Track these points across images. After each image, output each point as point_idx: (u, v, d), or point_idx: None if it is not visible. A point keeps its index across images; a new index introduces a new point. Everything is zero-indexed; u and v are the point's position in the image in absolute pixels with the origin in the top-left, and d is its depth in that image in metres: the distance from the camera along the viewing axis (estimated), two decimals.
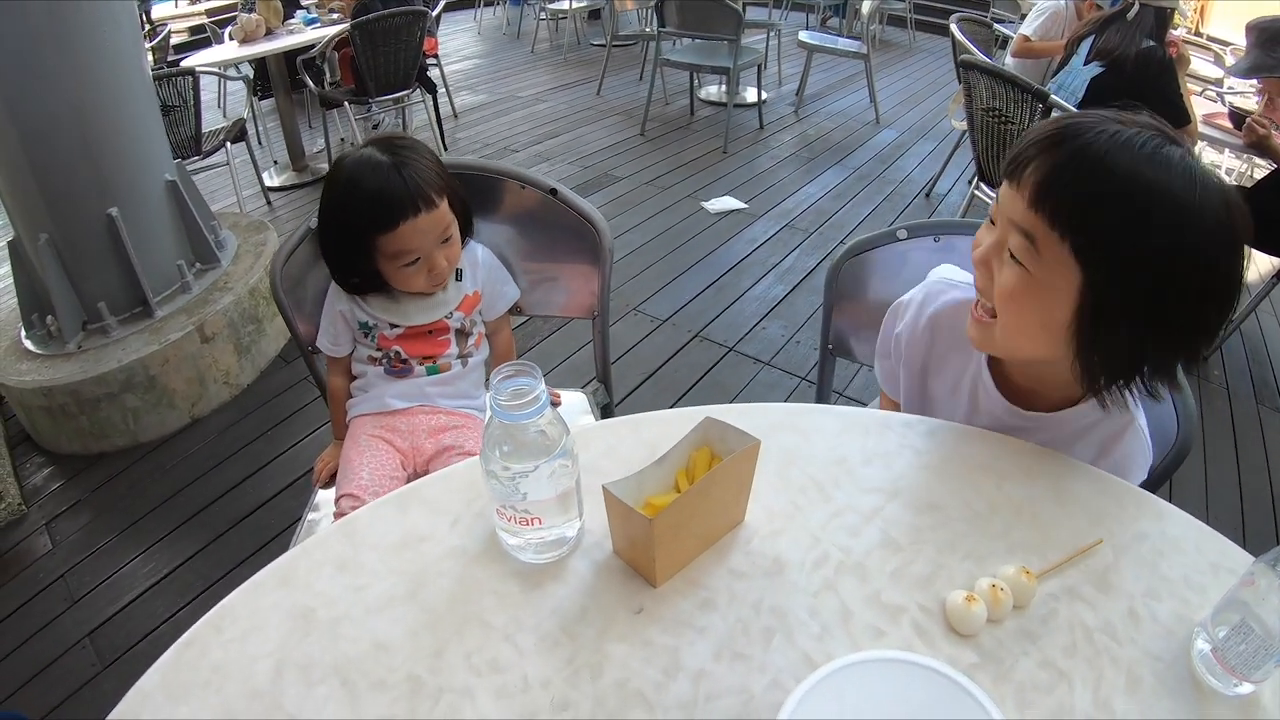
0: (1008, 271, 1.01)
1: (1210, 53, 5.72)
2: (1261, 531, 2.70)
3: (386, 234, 1.57)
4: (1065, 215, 0.93)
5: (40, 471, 3.04)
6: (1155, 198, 0.89)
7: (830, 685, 0.75)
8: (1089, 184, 0.92)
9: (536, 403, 0.86)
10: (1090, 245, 0.92)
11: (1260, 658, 0.79)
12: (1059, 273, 0.96)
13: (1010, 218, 0.99)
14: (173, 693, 0.85)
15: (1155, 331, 0.96)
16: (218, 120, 5.51)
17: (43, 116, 2.74)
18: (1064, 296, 0.97)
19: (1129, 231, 0.90)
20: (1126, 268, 0.92)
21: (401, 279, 1.65)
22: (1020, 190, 0.97)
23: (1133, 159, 0.90)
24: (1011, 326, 1.04)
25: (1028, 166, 0.96)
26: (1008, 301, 1.02)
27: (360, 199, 1.56)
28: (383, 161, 1.56)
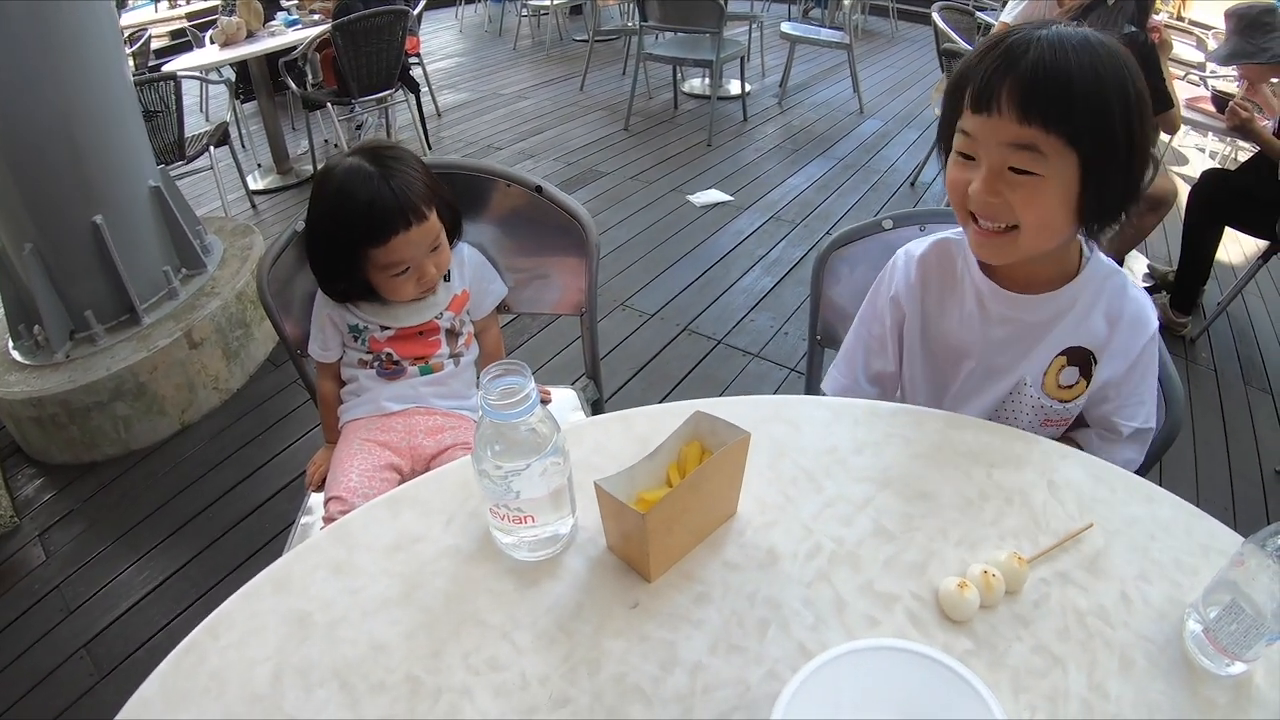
0: (1021, 189, 1.10)
1: (1192, 37, 5.73)
2: (1251, 512, 2.72)
3: (378, 247, 1.57)
4: (1055, 115, 1.05)
5: (32, 483, 3.03)
6: (1101, 72, 1.05)
7: (826, 675, 0.76)
8: (1058, 84, 1.04)
9: (526, 401, 0.86)
10: (1077, 130, 1.05)
11: (1251, 637, 0.80)
12: (1062, 164, 1.07)
13: (1003, 143, 1.09)
14: (173, 700, 0.85)
15: (1135, 169, 1.11)
16: (200, 124, 5.48)
17: (25, 124, 2.73)
18: (1070, 179, 1.09)
19: (1099, 106, 1.05)
20: (1108, 133, 1.06)
21: (391, 288, 1.65)
22: (1003, 117, 1.07)
23: (1073, 50, 1.05)
24: (1041, 226, 1.14)
25: (1000, 94, 1.07)
26: (1031, 208, 1.11)
27: (350, 211, 1.56)
28: (372, 173, 1.56)
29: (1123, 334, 1.24)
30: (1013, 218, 1.13)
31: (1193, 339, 3.67)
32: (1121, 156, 1.08)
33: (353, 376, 1.81)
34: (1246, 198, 3.40)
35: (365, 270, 1.63)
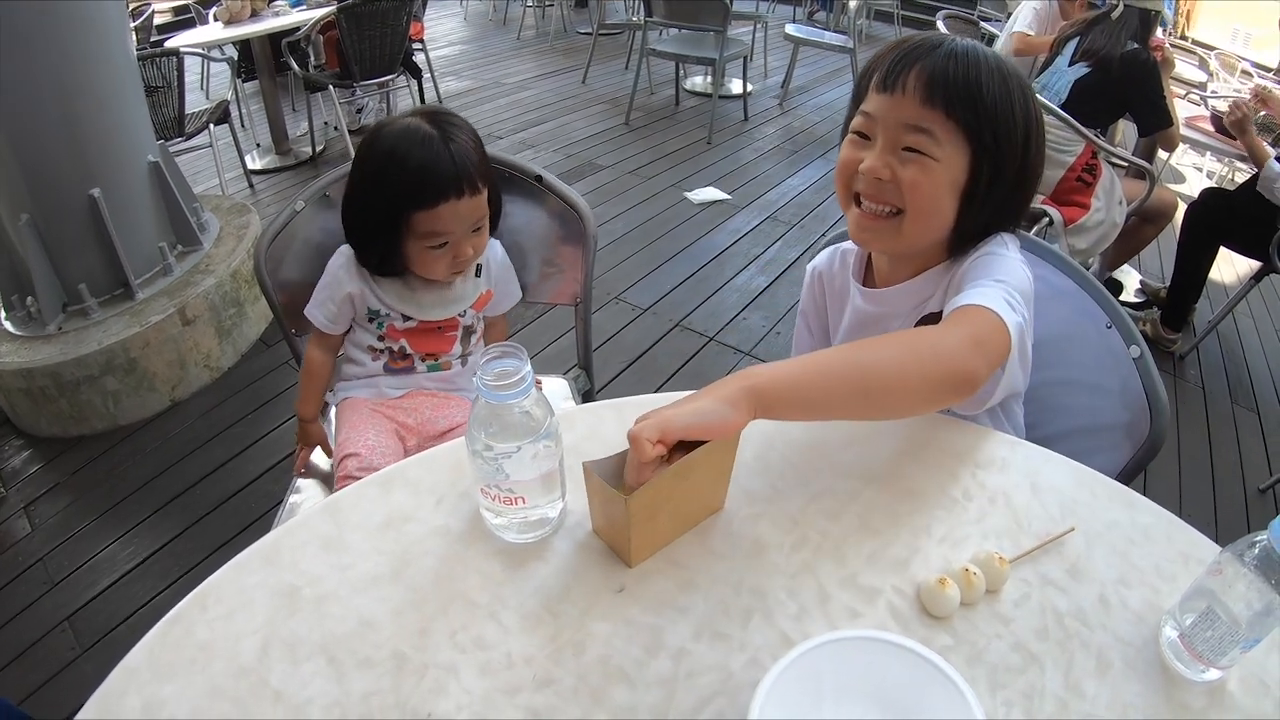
0: (910, 167, 1.14)
1: (1195, 57, 5.76)
2: (1233, 529, 2.74)
3: (424, 211, 1.49)
4: (957, 101, 1.10)
5: (19, 455, 3.03)
6: (1009, 82, 1.13)
7: (807, 663, 0.77)
8: (968, 74, 1.10)
9: (522, 384, 0.87)
10: (978, 119, 1.11)
11: (1226, 644, 0.81)
12: (953, 154, 1.13)
13: (900, 121, 1.13)
14: (158, 670, 0.85)
15: (1026, 181, 1.18)
16: (201, 102, 5.47)
17: (25, 95, 2.72)
18: (960, 170, 1.14)
19: (1003, 100, 1.11)
20: (1007, 129, 1.12)
21: (424, 261, 1.58)
22: (906, 96, 1.12)
23: (984, 57, 1.12)
24: (926, 209, 1.16)
25: (906, 76, 1.12)
26: (918, 190, 1.14)
27: (404, 170, 1.47)
28: (432, 135, 1.48)
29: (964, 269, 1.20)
30: (899, 201, 1.16)
31: (1182, 356, 3.70)
32: (1017, 159, 1.14)
33: (358, 360, 1.78)
34: (1243, 218, 3.42)
35: (403, 237, 1.55)
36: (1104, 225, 3.31)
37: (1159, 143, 3.63)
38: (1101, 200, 3.29)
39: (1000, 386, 1.14)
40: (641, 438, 0.86)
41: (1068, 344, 1.46)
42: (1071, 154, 3.27)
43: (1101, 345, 1.40)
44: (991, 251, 1.19)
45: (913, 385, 0.99)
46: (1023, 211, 1.22)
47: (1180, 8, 8.36)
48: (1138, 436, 1.36)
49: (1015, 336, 1.05)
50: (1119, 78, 3.24)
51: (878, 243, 1.26)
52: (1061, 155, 3.29)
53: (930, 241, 1.22)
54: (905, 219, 1.17)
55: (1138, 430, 1.36)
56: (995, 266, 1.16)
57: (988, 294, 1.08)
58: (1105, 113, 3.40)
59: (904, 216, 1.17)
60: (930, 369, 0.98)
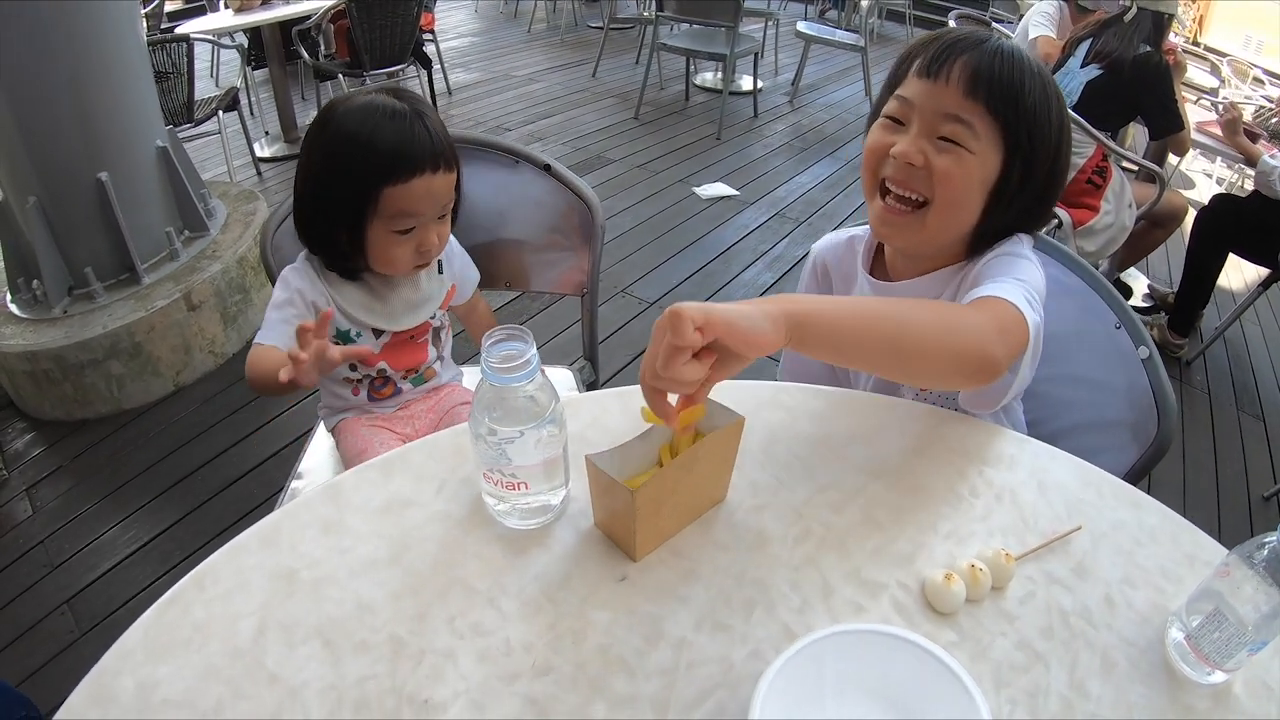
0: (945, 157, 1.14)
1: (1207, 63, 5.74)
2: (1237, 535, 2.70)
3: (397, 185, 1.38)
4: (999, 98, 1.11)
5: (22, 437, 3.03)
6: (1048, 91, 1.14)
7: (810, 655, 0.76)
8: (1013, 72, 1.11)
9: (527, 367, 0.86)
10: (1018, 119, 1.12)
11: (1233, 646, 0.80)
12: (988, 149, 1.13)
13: (940, 110, 1.13)
14: (154, 650, 0.85)
15: (1054, 184, 1.19)
16: (210, 89, 5.47)
17: (35, 79, 2.72)
18: (992, 168, 1.14)
19: (1043, 106, 1.13)
20: (1043, 134, 1.14)
21: (388, 250, 1.46)
22: (950, 85, 1.12)
23: (1028, 63, 1.13)
24: (953, 201, 1.16)
25: (951, 65, 1.12)
26: (950, 180, 1.14)
27: (375, 143, 1.36)
28: (402, 109, 1.40)
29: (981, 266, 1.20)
30: (927, 190, 1.16)
31: (1188, 361, 3.69)
32: (1047, 165, 1.16)
33: (338, 394, 1.68)
34: (1253, 224, 3.41)
35: (368, 221, 1.41)
36: (1113, 228, 3.30)
37: (1169, 146, 3.62)
38: (1111, 203, 3.28)
39: (1012, 387, 1.12)
40: (685, 315, 0.81)
41: (1076, 342, 1.45)
42: (1082, 156, 3.26)
43: (1110, 345, 1.40)
44: (1009, 252, 1.20)
45: (943, 355, 0.99)
46: (1046, 216, 1.24)
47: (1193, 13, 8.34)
48: (1144, 438, 1.35)
49: (1033, 333, 1.05)
50: (1130, 80, 3.23)
51: (899, 237, 1.25)
52: (1072, 157, 3.27)
53: (952, 238, 1.22)
54: (931, 210, 1.17)
55: (1144, 431, 1.35)
56: (1014, 266, 1.16)
57: (1009, 289, 1.07)
58: (1116, 115, 3.39)
59: (929, 208, 1.17)
60: (960, 344, 0.99)
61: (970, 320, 1.02)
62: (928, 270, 1.27)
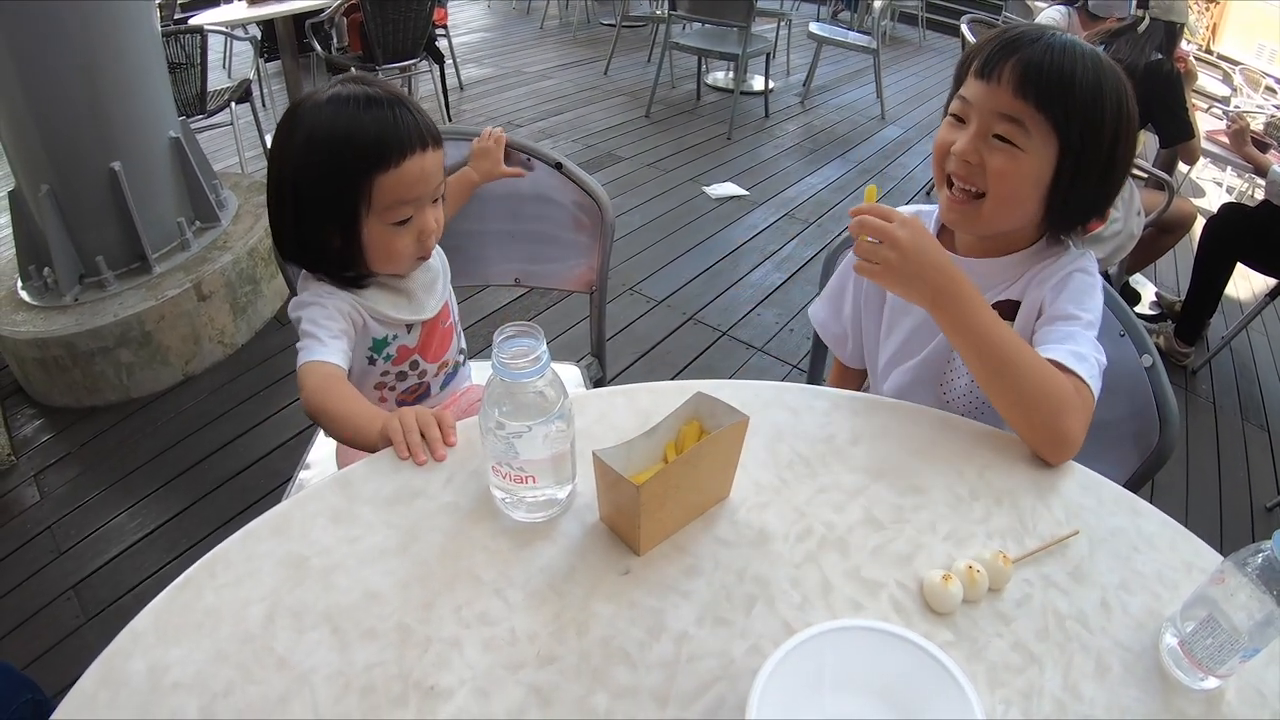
0: (998, 155, 1.19)
1: (1219, 71, 5.73)
2: (1239, 545, 2.69)
3: (389, 172, 1.28)
4: (1048, 96, 1.14)
5: (31, 423, 3.05)
6: (1103, 79, 1.15)
7: (808, 650, 0.77)
8: (1063, 70, 1.14)
9: (537, 363, 0.87)
10: (1067, 116, 1.14)
11: (1226, 652, 0.82)
12: (1042, 145, 1.16)
13: (994, 110, 1.18)
14: (165, 633, 0.86)
15: (1111, 176, 1.20)
16: (223, 80, 5.48)
17: (49, 67, 2.74)
18: (1047, 163, 1.18)
19: (1093, 104, 1.14)
20: (1095, 128, 1.15)
21: (387, 246, 1.37)
22: (1001, 86, 1.16)
23: (1080, 54, 1.16)
24: (1007, 197, 1.21)
25: (1003, 66, 1.16)
26: (1004, 178, 1.19)
27: (358, 131, 1.27)
28: (375, 94, 1.30)
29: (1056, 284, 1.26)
30: (983, 184, 1.21)
31: (1194, 370, 3.68)
32: (1102, 158, 1.18)
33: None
34: (1262, 234, 3.41)
35: (361, 220, 1.32)
36: (1121, 235, 3.30)
37: (1179, 155, 3.62)
38: (1120, 210, 3.27)
39: None
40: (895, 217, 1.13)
41: None
42: None
43: (1114, 353, 1.40)
44: (1082, 269, 1.26)
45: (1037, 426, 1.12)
46: (1105, 206, 1.26)
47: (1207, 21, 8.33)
48: (1146, 446, 1.36)
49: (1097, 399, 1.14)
50: (1141, 88, 3.22)
51: (963, 225, 1.31)
52: None
53: (1011, 227, 1.28)
54: (986, 202, 1.22)
55: (1146, 439, 1.36)
56: (1086, 303, 1.22)
57: (1088, 359, 1.15)
58: None
59: (986, 200, 1.22)
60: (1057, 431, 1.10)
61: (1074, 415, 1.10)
62: (996, 252, 1.32)
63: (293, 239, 1.38)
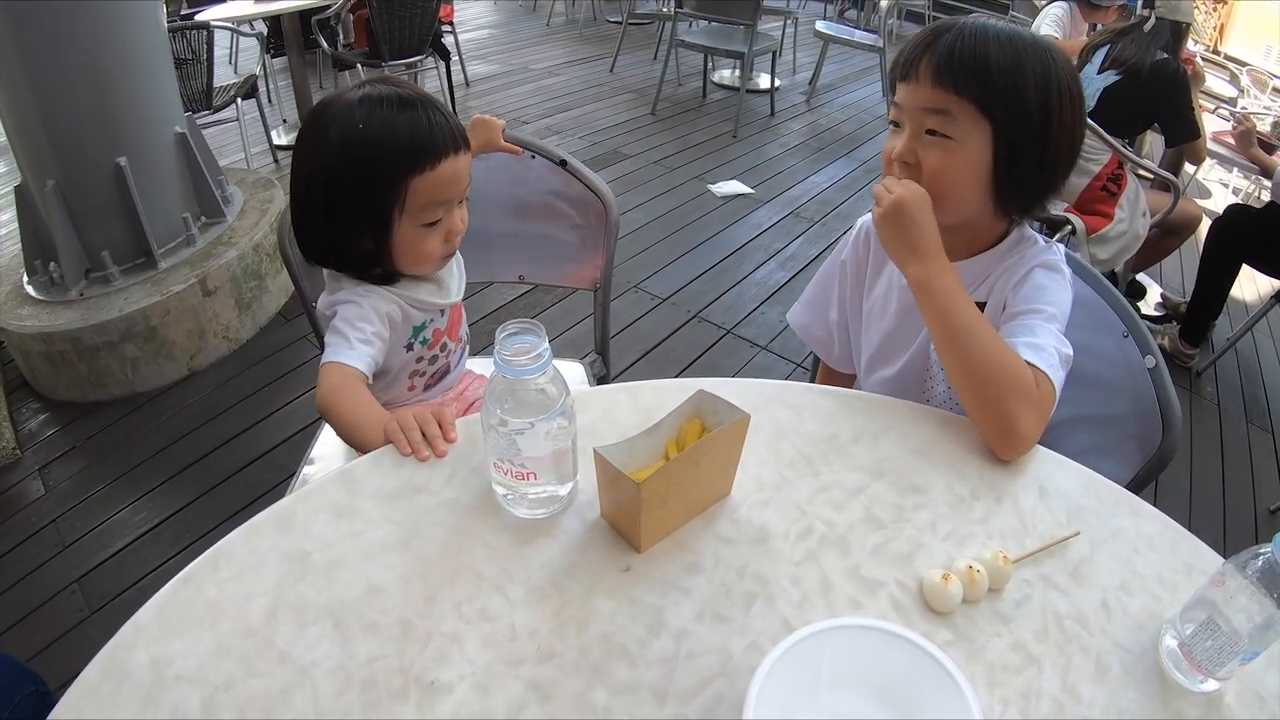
0: (932, 151, 1.20)
1: (1226, 72, 5.72)
2: (1242, 548, 2.70)
3: (423, 174, 1.29)
4: (965, 78, 1.14)
5: (36, 417, 3.06)
6: (1021, 54, 1.15)
7: (807, 648, 0.77)
8: (975, 52, 1.14)
9: (539, 360, 0.87)
10: (988, 96, 1.14)
11: (1225, 655, 0.81)
12: (972, 130, 1.17)
13: (919, 106, 1.19)
14: (168, 626, 0.87)
15: (1050, 154, 1.19)
16: (229, 76, 5.49)
17: (55, 62, 2.74)
18: (981, 148, 1.18)
19: (1013, 78, 1.14)
20: (1019, 105, 1.15)
21: (418, 247, 1.37)
22: (920, 82, 1.18)
23: (994, 35, 1.15)
24: (944, 191, 1.21)
25: (919, 63, 1.18)
26: (939, 172, 1.20)
27: (393, 134, 1.27)
28: (408, 95, 1.30)
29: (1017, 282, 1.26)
30: (922, 183, 1.21)
31: (1199, 372, 3.67)
32: (1034, 133, 1.17)
33: (396, 400, 1.56)
34: (1267, 236, 3.40)
35: (393, 223, 1.32)
36: (1126, 236, 3.29)
37: (1185, 155, 3.62)
38: (1125, 211, 3.27)
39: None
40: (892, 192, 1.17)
41: (1083, 351, 1.46)
42: (1097, 163, 3.25)
43: (1117, 354, 1.40)
44: (1045, 264, 1.25)
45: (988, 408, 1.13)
46: (1055, 185, 1.24)
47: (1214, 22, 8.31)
48: (1149, 447, 1.36)
49: (1058, 398, 1.14)
50: (1147, 87, 3.22)
51: None
52: (1087, 164, 3.28)
53: (959, 220, 1.26)
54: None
55: (1149, 441, 1.36)
56: (1047, 298, 1.22)
57: (1047, 350, 1.16)
58: (1132, 123, 3.38)
59: None
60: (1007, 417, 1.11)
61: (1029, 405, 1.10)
62: (965, 254, 1.31)
63: (321, 240, 1.39)
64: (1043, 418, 1.12)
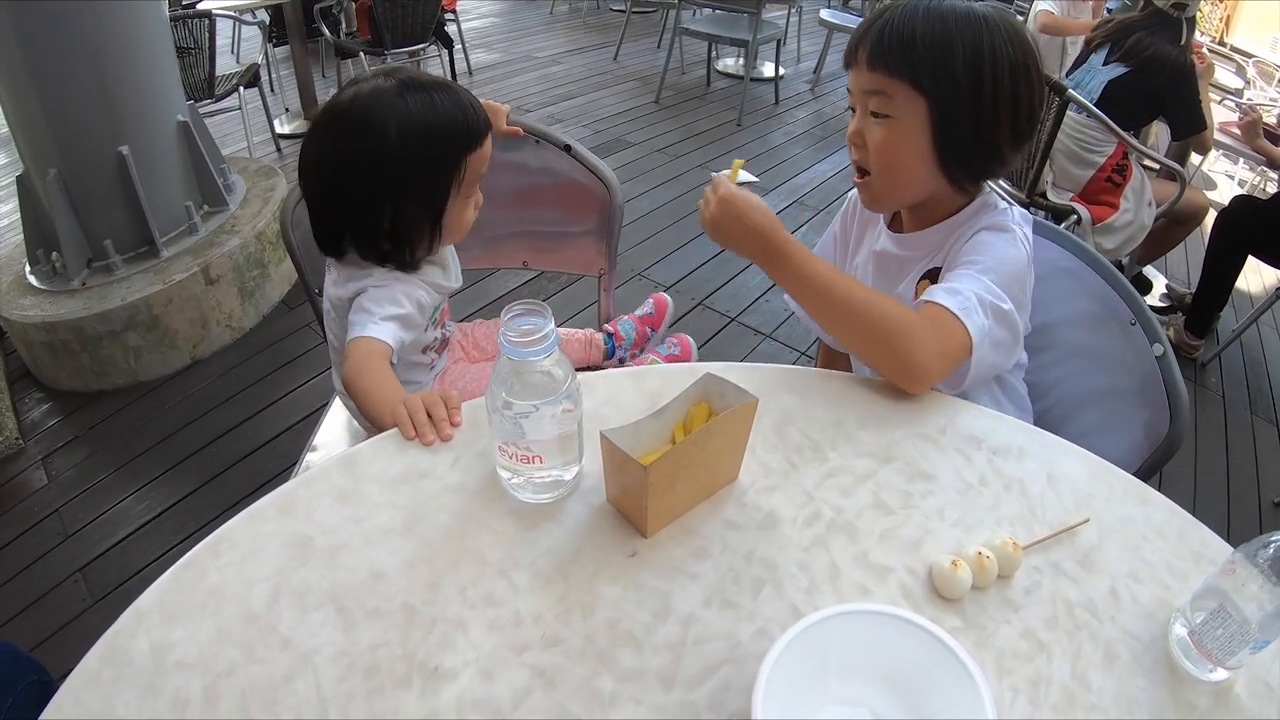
0: (876, 130, 1.25)
1: (1233, 64, 5.70)
2: (1246, 539, 2.71)
3: (475, 151, 1.40)
4: (895, 59, 1.19)
5: (39, 407, 3.06)
6: (950, 26, 1.17)
7: (816, 634, 0.77)
8: (902, 32, 1.18)
9: (544, 342, 0.86)
10: (919, 73, 1.18)
11: (1236, 644, 0.81)
12: (909, 108, 1.21)
13: (861, 90, 1.25)
14: (169, 613, 0.86)
15: (988, 121, 1.21)
16: (231, 65, 5.48)
17: (56, 50, 2.74)
18: (919, 123, 1.22)
19: (938, 51, 1.17)
20: (947, 74, 1.18)
21: (461, 217, 1.47)
22: (860, 67, 1.23)
23: (924, 11, 1.19)
24: (887, 166, 1.27)
25: (857, 50, 1.23)
26: (881, 149, 1.26)
27: (445, 118, 1.36)
28: (435, 80, 1.39)
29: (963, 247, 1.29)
30: (869, 163, 1.28)
31: (1204, 363, 3.66)
32: (966, 102, 1.19)
33: (415, 380, 1.65)
34: (1274, 227, 3.39)
35: (449, 196, 1.41)
36: (1132, 226, 3.29)
37: (1192, 145, 3.61)
38: (1131, 201, 3.27)
39: (969, 378, 1.19)
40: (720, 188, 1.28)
41: (1091, 338, 1.46)
42: (1102, 154, 3.25)
43: (1125, 341, 1.40)
44: (991, 226, 1.28)
45: (881, 356, 1.17)
46: (995, 153, 1.26)
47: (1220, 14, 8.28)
48: (1156, 435, 1.35)
49: (977, 341, 1.14)
50: (1154, 79, 3.21)
51: (870, 203, 1.39)
52: (1092, 155, 3.28)
53: (908, 197, 1.34)
54: (874, 178, 1.30)
55: (1156, 429, 1.35)
56: (985, 252, 1.24)
57: (964, 293, 1.17)
58: (1139, 114, 3.36)
59: (873, 175, 1.30)
60: (899, 356, 1.14)
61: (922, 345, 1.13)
62: (929, 223, 1.36)
63: (380, 234, 1.42)
64: (943, 351, 1.14)
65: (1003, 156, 1.26)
